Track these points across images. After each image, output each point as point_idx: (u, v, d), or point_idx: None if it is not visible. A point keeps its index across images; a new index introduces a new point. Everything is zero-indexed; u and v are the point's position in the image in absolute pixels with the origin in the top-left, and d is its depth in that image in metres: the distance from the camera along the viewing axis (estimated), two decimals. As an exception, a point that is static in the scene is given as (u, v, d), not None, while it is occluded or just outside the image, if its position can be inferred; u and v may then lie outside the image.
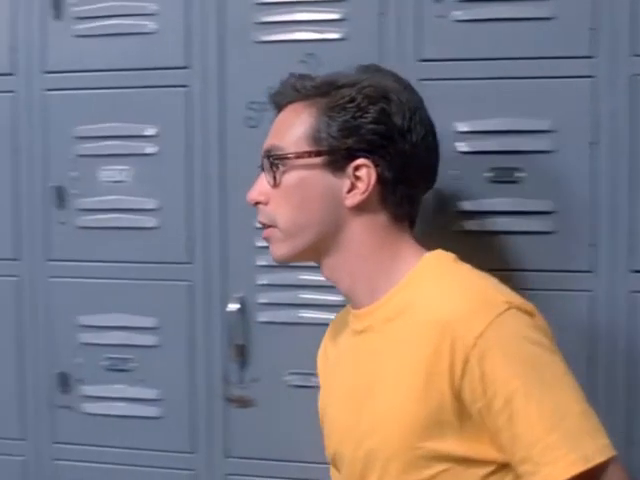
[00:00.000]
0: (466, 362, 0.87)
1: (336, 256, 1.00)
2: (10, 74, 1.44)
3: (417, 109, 1.00)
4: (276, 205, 1.00)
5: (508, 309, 0.89)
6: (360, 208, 0.99)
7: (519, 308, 0.90)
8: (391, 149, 0.97)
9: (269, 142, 1.02)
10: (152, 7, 1.38)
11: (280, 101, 1.03)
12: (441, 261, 0.99)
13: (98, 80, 1.41)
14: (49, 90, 1.43)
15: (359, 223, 0.99)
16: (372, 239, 0.99)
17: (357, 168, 0.98)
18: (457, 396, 0.86)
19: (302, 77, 1.02)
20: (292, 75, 1.03)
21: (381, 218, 0.99)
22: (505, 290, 0.94)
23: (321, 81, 1.01)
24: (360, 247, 0.99)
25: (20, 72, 1.44)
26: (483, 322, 0.87)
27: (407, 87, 1.03)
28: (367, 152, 0.97)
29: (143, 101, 1.39)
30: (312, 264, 1.00)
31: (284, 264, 1.06)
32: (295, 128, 0.99)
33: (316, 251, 1.01)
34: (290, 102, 1.01)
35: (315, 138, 0.98)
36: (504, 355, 0.86)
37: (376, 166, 0.98)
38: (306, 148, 0.98)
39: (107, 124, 1.40)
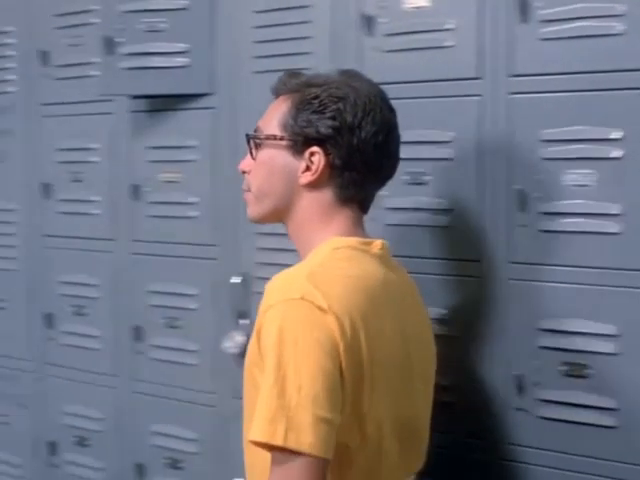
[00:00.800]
0: (259, 328, 1.48)
1: (291, 223, 1.66)
2: (478, 78, 1.98)
3: (371, 111, 1.59)
4: (253, 175, 1.68)
5: (298, 301, 1.45)
6: (311, 186, 1.62)
7: (310, 303, 1.45)
8: (341, 141, 1.59)
9: (257, 124, 1.68)
10: (620, 8, 1.82)
11: (274, 92, 1.69)
12: (326, 245, 1.58)
13: (564, 83, 1.89)
14: (515, 94, 1.93)
15: (308, 198, 1.63)
16: (315, 213, 1.63)
17: (312, 154, 1.60)
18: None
19: (292, 75, 1.67)
20: (286, 72, 1.69)
21: (327, 196, 1.63)
22: (326, 283, 1.48)
23: (302, 79, 1.65)
24: (304, 218, 1.64)
25: (487, 76, 1.97)
26: (272, 297, 1.48)
27: (371, 91, 1.62)
28: (321, 142, 1.59)
29: (610, 105, 1.83)
30: None
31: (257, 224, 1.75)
32: (274, 115, 1.65)
33: (278, 216, 1.66)
34: (279, 94, 1.67)
35: (284, 125, 1.62)
36: (271, 324, 1.46)
37: (327, 154, 1.59)
38: (277, 132, 1.63)
39: (572, 127, 1.86)
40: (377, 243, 1.66)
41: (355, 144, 1.62)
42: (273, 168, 1.67)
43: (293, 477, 1.43)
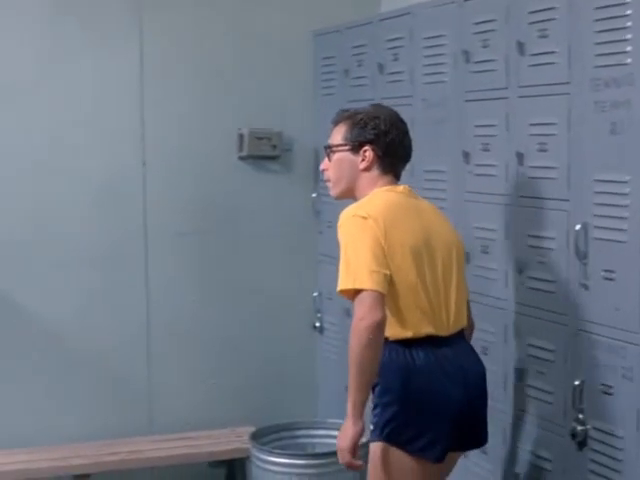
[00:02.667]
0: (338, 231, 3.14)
1: (357, 195, 3.28)
2: None
3: (393, 124, 3.28)
4: (330, 170, 3.35)
5: (353, 216, 3.09)
6: (365, 170, 3.27)
7: (358, 215, 3.08)
8: (379, 142, 3.24)
9: (329, 141, 3.34)
10: None
11: (334, 123, 3.36)
12: (374, 191, 3.25)
13: None
14: None
15: (364, 177, 3.27)
16: (368, 185, 3.26)
17: (365, 151, 3.25)
18: None
19: (343, 111, 3.37)
20: (340, 110, 3.39)
21: (374, 174, 3.26)
22: (367, 207, 3.13)
23: (349, 113, 3.32)
24: (362, 190, 3.26)
25: None
26: (341, 219, 3.15)
27: (393, 114, 3.31)
28: (368, 143, 3.24)
29: None
30: None
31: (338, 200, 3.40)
32: (338, 134, 3.31)
33: (348, 193, 3.32)
34: (337, 123, 3.35)
35: (345, 138, 3.28)
36: (341, 231, 3.12)
37: (373, 149, 3.24)
38: (341, 143, 3.28)
39: None
40: (401, 187, 3.31)
41: (388, 142, 3.27)
42: (342, 163, 3.33)
43: (362, 303, 3.01)
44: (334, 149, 3.32)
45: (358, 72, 4.73)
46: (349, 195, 3.34)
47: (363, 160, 3.27)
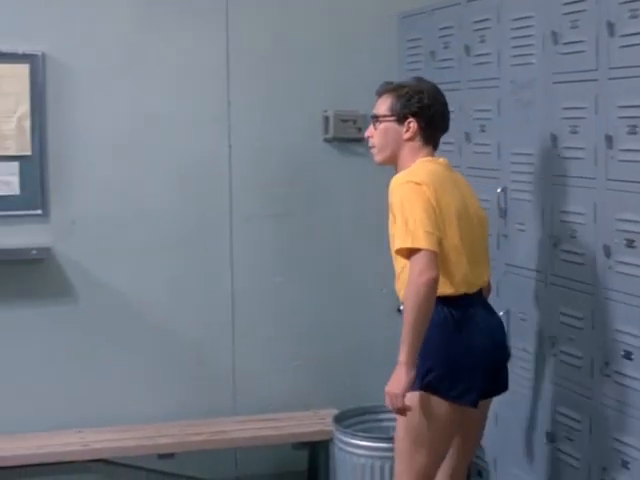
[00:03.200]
0: (391, 201, 3.42)
1: (399, 162, 3.56)
2: None
3: (435, 97, 3.56)
4: (376, 138, 3.61)
5: (407, 182, 3.38)
6: (409, 139, 3.55)
7: (410, 181, 3.38)
8: (423, 114, 3.52)
9: (374, 111, 3.62)
10: None
11: (378, 94, 3.63)
12: (418, 161, 3.52)
13: None
14: None
15: (407, 147, 3.54)
16: (410, 154, 3.54)
17: (409, 122, 3.53)
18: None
19: (387, 83, 3.64)
20: (384, 82, 3.66)
21: (417, 144, 3.54)
22: (418, 174, 3.43)
23: (394, 85, 3.60)
24: (405, 158, 3.54)
25: None
26: (394, 184, 3.45)
27: (434, 88, 3.59)
28: (413, 115, 3.52)
29: None
30: None
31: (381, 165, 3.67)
32: (384, 105, 3.57)
33: (391, 160, 3.59)
34: (382, 95, 3.61)
35: (391, 109, 3.55)
36: (396, 195, 3.39)
37: (417, 121, 3.52)
38: (387, 114, 3.54)
39: None
40: (441, 159, 3.62)
41: (431, 115, 3.57)
42: (388, 132, 3.59)
43: (419, 260, 3.30)
44: (381, 119, 3.60)
45: (444, 54, 4.74)
46: (392, 162, 3.64)
47: (407, 130, 3.57)
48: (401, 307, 5.12)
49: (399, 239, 3.34)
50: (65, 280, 4.82)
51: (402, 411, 3.38)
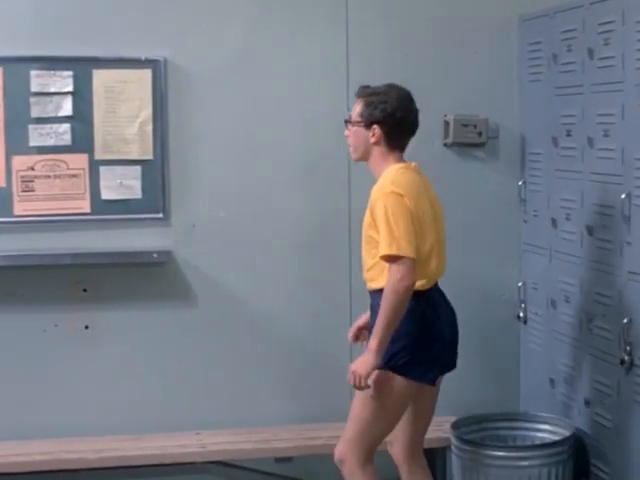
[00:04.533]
0: (372, 209, 3.89)
1: (370, 163, 4.07)
2: None
3: (402, 105, 4.00)
4: (350, 138, 4.10)
5: (391, 192, 3.83)
6: (375, 144, 4.00)
7: (396, 192, 3.83)
8: (386, 122, 3.96)
9: (350, 114, 4.11)
10: None
11: (356, 96, 4.10)
12: (391, 169, 3.97)
13: None
14: None
15: (376, 150, 4.00)
16: (379, 157, 4.01)
17: (374, 129, 3.98)
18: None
19: (364, 87, 4.09)
20: (360, 86, 4.12)
21: (384, 148, 3.99)
22: (401, 185, 3.88)
23: (367, 90, 4.05)
24: (375, 160, 4.02)
25: None
26: (379, 193, 3.89)
27: (401, 95, 4.03)
28: (377, 122, 3.97)
29: None
30: None
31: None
32: (355, 110, 4.05)
33: (364, 159, 4.08)
34: (357, 97, 4.08)
35: (361, 115, 4.00)
36: (380, 204, 3.84)
37: (381, 128, 3.97)
38: (358, 119, 4.02)
39: None
40: (413, 165, 4.07)
41: (394, 123, 3.98)
42: (358, 136, 4.05)
43: (401, 267, 3.77)
44: (353, 123, 4.08)
45: (566, 57, 4.75)
46: (365, 161, 4.14)
47: (373, 136, 4.02)
48: (520, 314, 5.18)
49: (384, 246, 3.82)
50: (185, 283, 4.96)
51: (362, 388, 3.93)
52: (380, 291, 3.88)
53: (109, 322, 5.02)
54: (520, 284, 5.25)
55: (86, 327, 5.01)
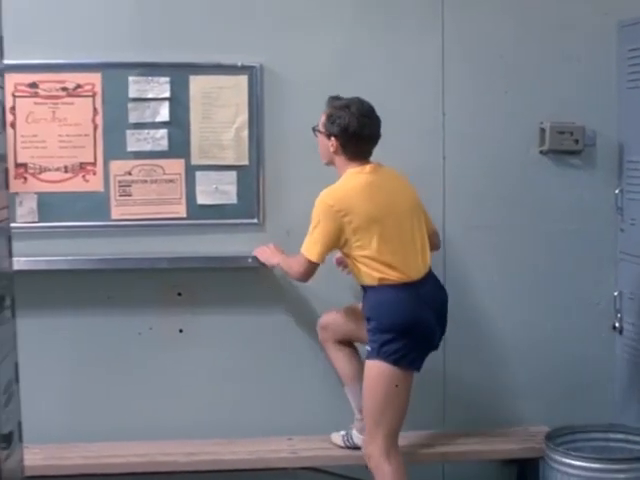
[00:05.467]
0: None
1: (337, 168, 4.47)
2: None
3: (356, 120, 4.37)
4: (318, 145, 4.54)
5: (323, 202, 4.32)
6: (336, 154, 4.45)
7: (325, 202, 4.32)
8: (341, 135, 4.39)
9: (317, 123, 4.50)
10: None
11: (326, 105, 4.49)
12: (347, 174, 4.42)
13: None
14: None
15: (337, 158, 4.45)
16: (341, 164, 4.45)
17: (332, 140, 4.43)
18: None
19: (333, 98, 4.50)
20: (330, 97, 4.52)
21: (343, 157, 4.43)
22: (336, 194, 4.36)
23: (331, 102, 4.49)
24: (339, 166, 4.46)
25: None
26: (319, 197, 4.35)
27: (361, 109, 4.42)
28: (334, 135, 4.41)
29: None
30: None
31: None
32: (321, 120, 4.48)
33: (331, 164, 4.49)
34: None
35: (323, 126, 4.47)
36: (315, 207, 4.36)
37: (337, 140, 4.42)
38: (321, 129, 4.48)
39: None
40: (367, 167, 4.43)
41: (348, 137, 4.38)
42: (322, 144, 4.50)
43: (303, 266, 4.48)
44: (318, 131, 4.53)
45: (667, 64, 4.70)
46: (332, 165, 4.54)
47: (332, 146, 4.44)
48: (616, 324, 5.15)
49: (305, 244, 4.43)
50: (278, 288, 5.02)
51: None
52: (365, 287, 4.45)
53: (203, 326, 5.09)
54: (616, 293, 5.22)
55: (180, 330, 5.09)
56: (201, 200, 5.02)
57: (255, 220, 5.03)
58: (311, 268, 4.45)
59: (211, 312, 5.08)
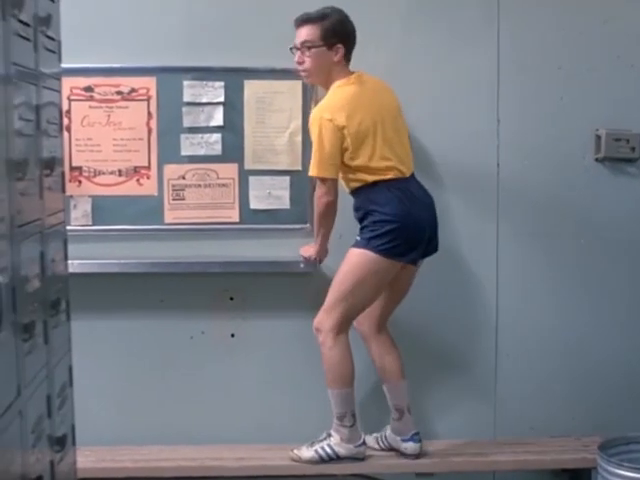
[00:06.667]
0: (309, 125, 4.61)
1: (326, 83, 4.63)
2: None
3: (351, 23, 4.58)
4: (308, 64, 4.59)
5: (321, 118, 4.46)
6: (338, 64, 4.56)
7: (322, 117, 4.47)
8: (348, 40, 4.60)
9: (302, 39, 4.60)
10: None
11: (301, 22, 4.63)
12: (332, 88, 4.58)
13: None
14: None
15: (336, 69, 4.55)
16: (337, 76, 4.57)
17: (338, 48, 4.55)
18: None
19: (306, 14, 4.59)
20: (303, 13, 4.60)
21: (340, 66, 4.57)
22: (334, 107, 4.51)
23: (316, 14, 4.57)
24: (332, 79, 4.57)
25: None
26: (314, 116, 4.56)
27: (344, 13, 4.56)
28: (340, 41, 4.55)
29: None
30: None
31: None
32: (313, 33, 4.56)
33: (323, 81, 4.65)
34: (305, 23, 4.62)
35: (323, 37, 4.54)
36: (313, 127, 4.54)
37: (344, 45, 4.58)
38: (320, 42, 4.54)
39: None
40: (352, 77, 4.59)
41: (353, 38, 4.65)
42: (320, 58, 4.64)
43: (322, 186, 4.57)
44: (311, 46, 4.54)
45: None
46: (323, 83, 4.65)
47: (336, 54, 4.55)
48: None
49: (311, 167, 4.56)
50: (330, 294, 4.99)
51: (310, 261, 4.86)
52: (357, 188, 4.65)
53: (254, 330, 5.10)
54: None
55: (232, 335, 5.09)
56: (254, 205, 5.03)
57: (307, 225, 5.02)
58: (331, 186, 4.56)
59: (263, 316, 5.08)
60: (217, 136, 4.98)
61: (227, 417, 5.09)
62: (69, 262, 3.48)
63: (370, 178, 4.54)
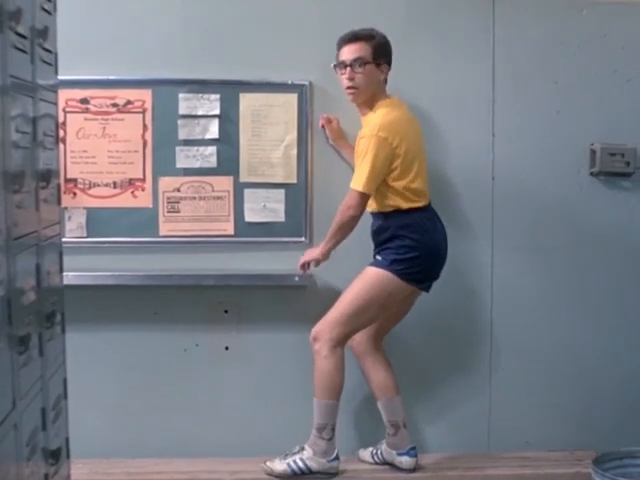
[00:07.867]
0: (358, 142, 4.60)
1: (367, 103, 4.68)
2: None
3: (390, 45, 4.63)
4: (360, 80, 4.62)
5: (376, 136, 4.49)
6: (384, 82, 4.66)
7: (378, 135, 4.49)
8: (390, 60, 4.67)
9: (355, 55, 4.63)
10: None
11: (351, 40, 4.66)
12: (380, 109, 4.60)
13: None
14: None
15: (380, 89, 4.65)
16: (379, 95, 4.65)
17: (384, 66, 4.63)
18: None
19: (354, 32, 4.68)
20: (352, 31, 4.68)
21: (384, 85, 4.66)
22: (388, 127, 4.53)
23: (364, 34, 4.66)
24: (374, 98, 4.65)
25: None
26: (370, 132, 4.53)
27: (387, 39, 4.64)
28: (387, 61, 4.66)
29: None
30: None
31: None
32: (364, 52, 4.61)
33: (368, 99, 4.66)
34: (356, 40, 4.67)
35: (375, 55, 4.60)
36: (365, 142, 4.55)
37: (388, 65, 4.67)
38: (370, 60, 4.59)
39: None
40: (395, 100, 4.70)
41: (391, 59, 4.73)
42: (372, 76, 4.68)
43: (354, 198, 4.57)
44: (367, 63, 4.58)
45: None
46: (367, 101, 4.66)
47: (382, 73, 4.64)
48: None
49: (356, 180, 4.56)
50: (326, 307, 4.96)
51: (304, 268, 4.82)
52: (387, 212, 4.67)
53: (249, 343, 5.10)
54: (668, 317, 5.15)
55: (226, 348, 5.09)
56: (249, 218, 5.03)
57: (303, 239, 5.02)
58: (363, 199, 4.57)
59: (257, 330, 5.08)
60: (212, 149, 4.98)
61: (221, 430, 5.09)
62: (63, 274, 3.48)
63: (405, 205, 4.60)
